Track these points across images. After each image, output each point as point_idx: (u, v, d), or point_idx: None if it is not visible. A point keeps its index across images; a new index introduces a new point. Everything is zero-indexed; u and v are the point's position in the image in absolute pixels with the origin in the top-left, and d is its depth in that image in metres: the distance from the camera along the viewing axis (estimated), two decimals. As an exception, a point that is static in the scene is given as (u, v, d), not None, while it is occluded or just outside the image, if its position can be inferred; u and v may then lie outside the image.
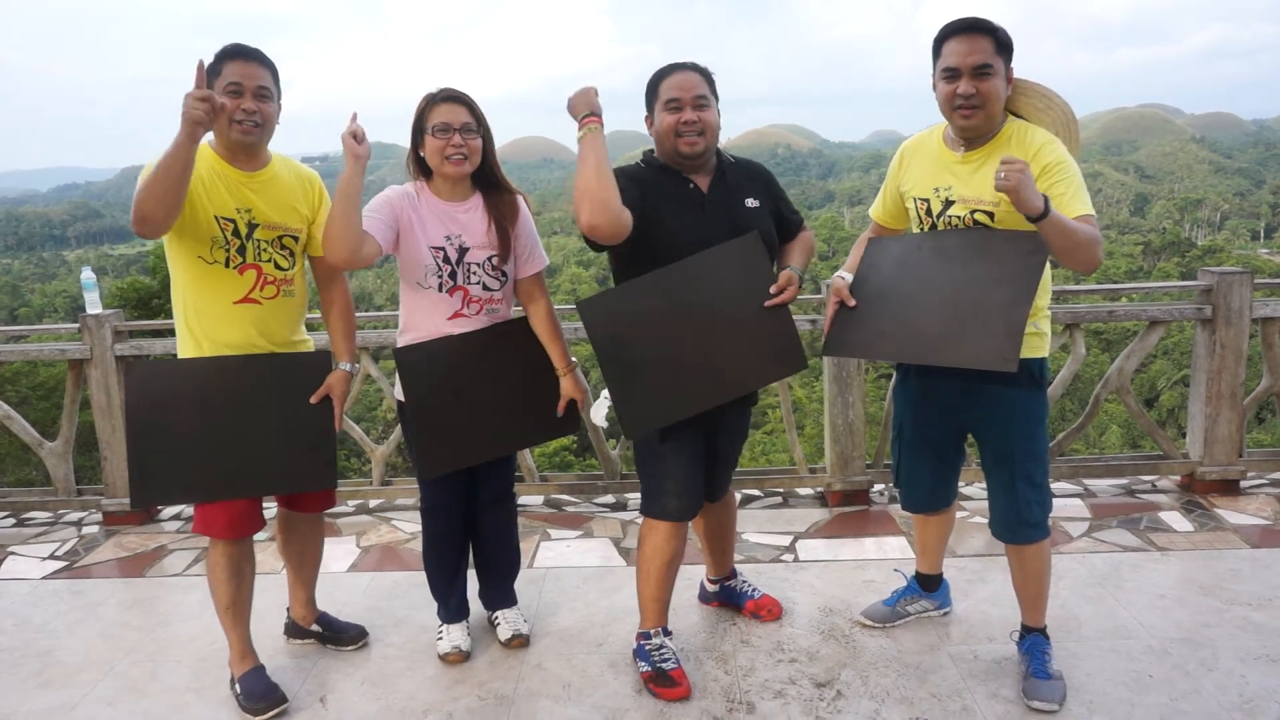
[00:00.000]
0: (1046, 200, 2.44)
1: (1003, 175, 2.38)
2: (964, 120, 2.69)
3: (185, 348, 2.94)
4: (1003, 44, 2.66)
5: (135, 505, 2.96)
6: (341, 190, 2.69)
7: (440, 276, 2.99)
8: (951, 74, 2.67)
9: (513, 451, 3.31)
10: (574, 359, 3.24)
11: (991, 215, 2.73)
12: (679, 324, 2.83)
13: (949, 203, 2.80)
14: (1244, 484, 4.71)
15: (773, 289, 2.86)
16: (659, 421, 2.89)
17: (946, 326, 2.70)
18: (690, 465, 3.01)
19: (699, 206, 2.91)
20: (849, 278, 2.94)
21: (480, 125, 2.98)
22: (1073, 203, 2.60)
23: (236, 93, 2.75)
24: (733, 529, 3.54)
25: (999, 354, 2.59)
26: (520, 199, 3.16)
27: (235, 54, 2.76)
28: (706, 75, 2.88)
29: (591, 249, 2.87)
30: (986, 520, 3.07)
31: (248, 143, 2.82)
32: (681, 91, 2.82)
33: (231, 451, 2.91)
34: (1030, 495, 2.89)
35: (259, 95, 2.78)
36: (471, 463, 3.14)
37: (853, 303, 2.88)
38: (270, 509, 3.41)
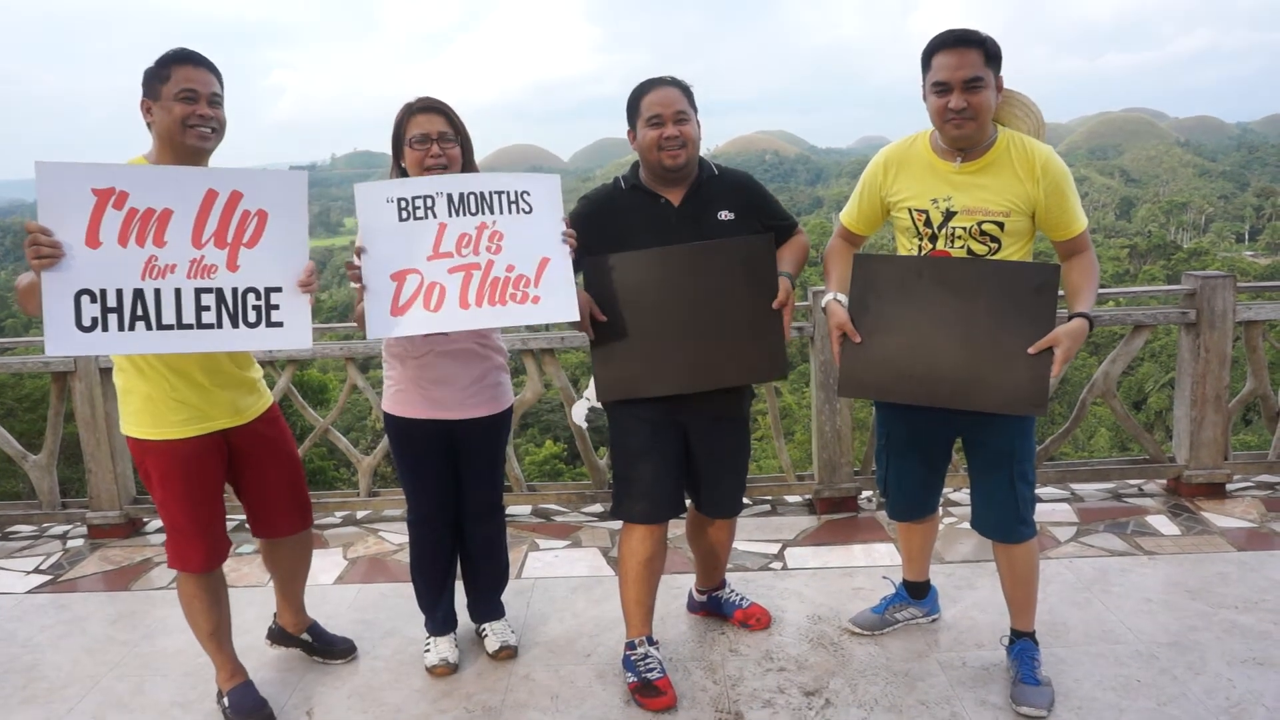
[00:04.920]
0: (1082, 316, 2.72)
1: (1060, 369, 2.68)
2: (956, 131, 2.73)
3: (128, 378, 2.81)
4: (992, 55, 2.70)
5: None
6: None
7: None
8: (943, 88, 2.70)
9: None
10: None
11: (1001, 225, 2.77)
12: (674, 303, 2.92)
13: (950, 213, 2.81)
14: (1230, 487, 4.73)
15: (775, 305, 2.93)
16: (630, 392, 2.98)
17: (970, 370, 2.75)
18: (658, 470, 3.02)
19: (666, 222, 2.97)
20: (844, 299, 2.92)
21: (459, 134, 2.98)
22: (1075, 222, 2.82)
23: (190, 98, 2.67)
24: (726, 552, 3.50)
25: (1029, 400, 2.72)
26: None
27: (184, 59, 2.69)
28: (685, 90, 2.94)
29: None
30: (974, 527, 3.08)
31: (204, 149, 2.74)
32: (663, 108, 2.88)
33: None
34: (1026, 493, 2.94)
35: (213, 102, 2.72)
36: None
37: (858, 338, 2.86)
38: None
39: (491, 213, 2.80)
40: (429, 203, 2.76)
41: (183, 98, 2.67)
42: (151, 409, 2.79)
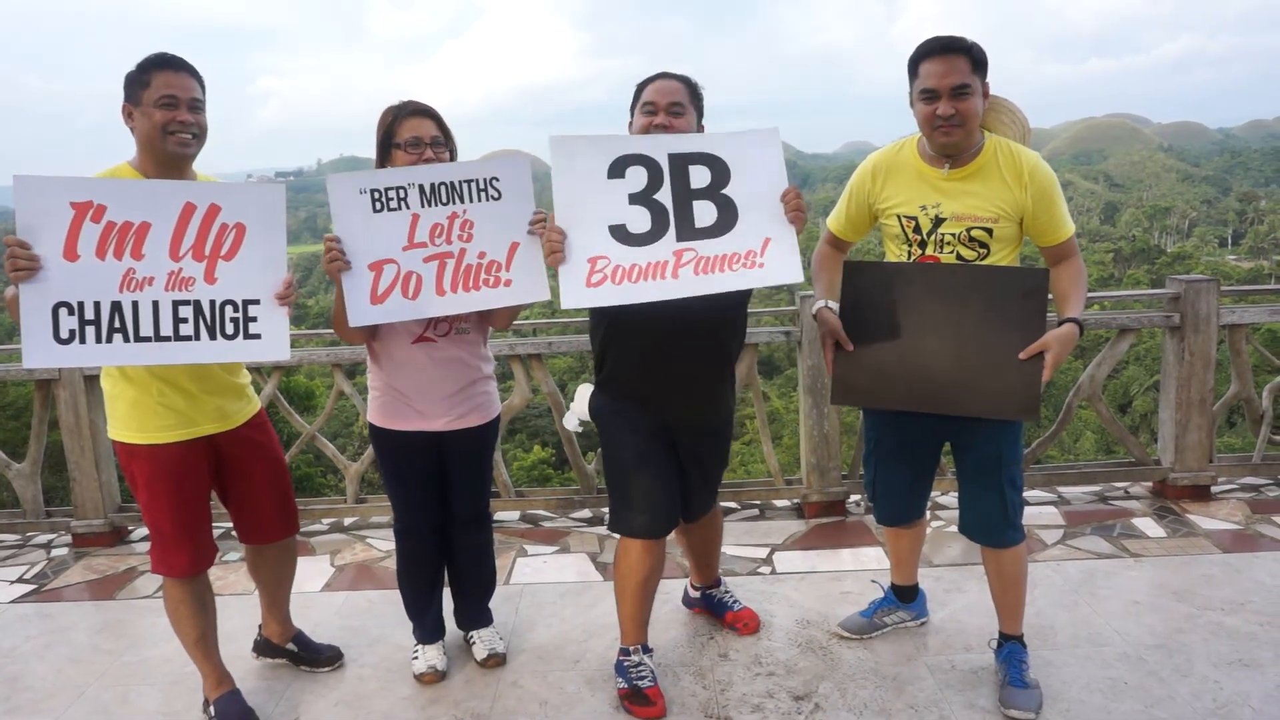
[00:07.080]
0: (1072, 321, 2.72)
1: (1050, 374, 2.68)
2: (944, 138, 2.74)
3: (115, 383, 2.80)
4: (978, 62, 2.73)
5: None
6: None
7: None
8: (930, 95, 2.72)
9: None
10: None
11: (990, 231, 2.79)
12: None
13: (939, 220, 2.82)
14: (1215, 489, 4.76)
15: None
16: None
17: (962, 375, 2.75)
18: (656, 483, 3.01)
19: None
20: (835, 307, 2.92)
21: (448, 140, 2.98)
22: (1062, 227, 2.84)
23: (171, 104, 2.65)
24: (717, 545, 3.53)
25: (1019, 405, 2.72)
26: None
27: (164, 64, 2.67)
28: (689, 85, 2.95)
29: None
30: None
31: (186, 155, 2.72)
32: (658, 96, 2.90)
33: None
34: (1014, 498, 2.95)
35: (193, 107, 2.70)
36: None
37: (850, 346, 2.86)
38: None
39: (462, 201, 2.85)
40: (401, 194, 2.80)
41: (163, 104, 2.65)
42: (138, 414, 2.78)
